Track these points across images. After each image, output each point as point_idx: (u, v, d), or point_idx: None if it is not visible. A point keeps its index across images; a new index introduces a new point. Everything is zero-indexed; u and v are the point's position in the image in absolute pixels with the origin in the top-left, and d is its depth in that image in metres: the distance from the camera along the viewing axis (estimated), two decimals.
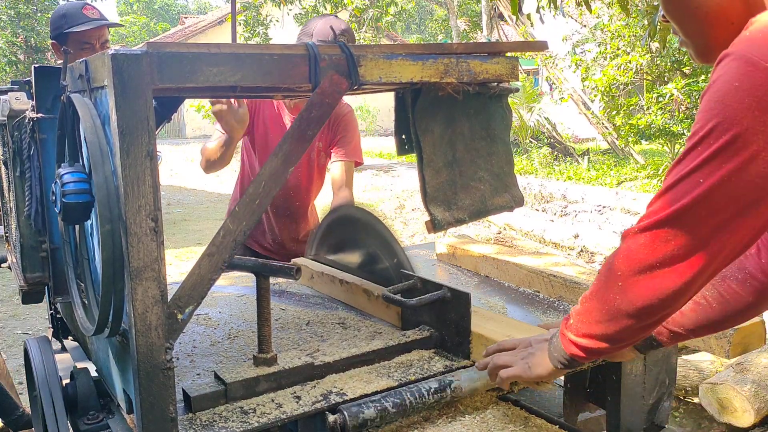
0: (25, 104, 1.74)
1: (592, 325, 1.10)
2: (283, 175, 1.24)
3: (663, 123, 10.07)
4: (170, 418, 1.15)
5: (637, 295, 1.00)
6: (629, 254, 1.01)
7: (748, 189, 0.89)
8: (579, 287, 1.82)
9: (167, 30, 34.03)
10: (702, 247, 0.94)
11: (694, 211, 0.92)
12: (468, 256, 2.29)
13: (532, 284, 2.01)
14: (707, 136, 0.90)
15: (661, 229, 0.96)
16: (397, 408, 1.31)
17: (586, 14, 13.52)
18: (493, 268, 2.17)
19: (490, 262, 2.19)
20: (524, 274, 2.03)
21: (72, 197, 1.14)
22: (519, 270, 2.06)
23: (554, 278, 1.92)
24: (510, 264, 2.10)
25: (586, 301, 1.12)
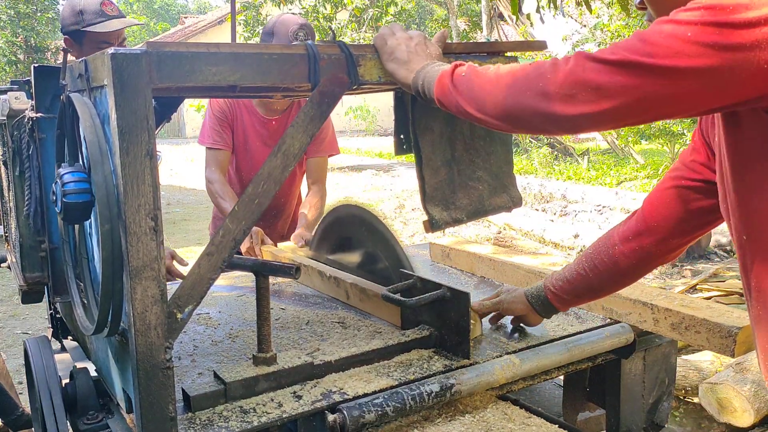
0: (25, 104, 1.74)
1: (478, 90, 1.11)
2: (282, 174, 1.24)
3: (663, 123, 10.07)
4: (170, 418, 1.15)
5: (540, 93, 0.99)
6: (564, 68, 0.98)
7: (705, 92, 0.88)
8: None
9: (167, 30, 34.01)
10: (618, 99, 0.92)
11: (641, 70, 0.90)
12: (464, 257, 2.28)
13: (530, 285, 1.98)
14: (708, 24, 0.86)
15: (607, 66, 0.92)
16: (397, 407, 1.31)
17: (586, 14, 13.52)
18: (489, 269, 2.17)
19: (486, 262, 2.18)
20: (522, 275, 2.03)
21: (72, 197, 1.14)
22: (516, 270, 2.05)
23: None
24: (507, 264, 2.09)
25: (487, 77, 1.11)
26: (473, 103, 1.13)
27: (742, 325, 1.45)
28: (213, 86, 1.15)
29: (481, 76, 1.13)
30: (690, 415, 3.24)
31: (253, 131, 2.70)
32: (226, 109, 2.67)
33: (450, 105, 1.19)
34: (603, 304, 1.74)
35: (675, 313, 1.57)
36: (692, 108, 0.94)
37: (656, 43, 0.89)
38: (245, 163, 2.76)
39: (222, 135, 2.67)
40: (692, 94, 0.90)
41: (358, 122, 22.05)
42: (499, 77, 1.09)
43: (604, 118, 0.95)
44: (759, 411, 2.88)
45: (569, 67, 0.97)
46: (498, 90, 1.08)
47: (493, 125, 1.11)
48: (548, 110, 0.99)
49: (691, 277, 5.24)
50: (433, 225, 1.50)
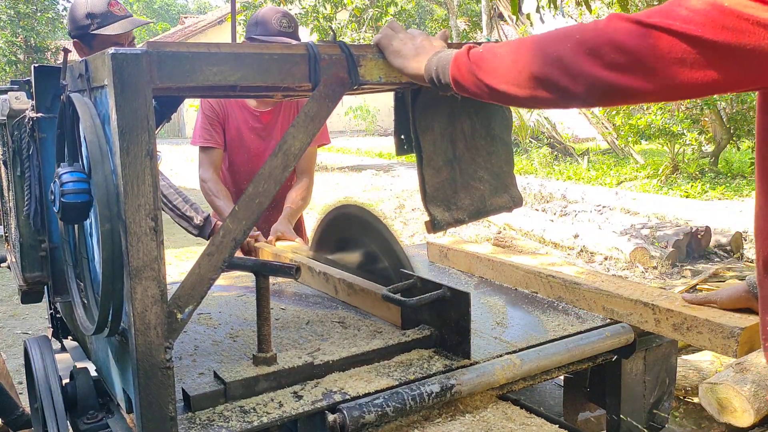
0: (25, 104, 1.74)
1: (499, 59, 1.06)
2: (283, 174, 1.24)
3: (663, 123, 10.07)
4: (169, 417, 1.15)
5: (575, 61, 0.94)
6: (594, 26, 0.94)
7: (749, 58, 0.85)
8: (579, 288, 1.82)
9: (167, 30, 34.01)
10: (661, 77, 0.89)
11: (686, 39, 0.86)
12: (461, 257, 2.27)
13: (529, 285, 1.99)
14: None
15: (654, 30, 0.89)
16: (397, 408, 1.31)
17: (586, 14, 13.52)
18: (488, 269, 2.15)
19: (484, 263, 2.16)
20: (521, 275, 2.02)
21: (71, 197, 1.14)
22: (515, 271, 2.04)
23: (553, 279, 1.91)
24: (506, 265, 2.08)
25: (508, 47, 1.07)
26: (494, 74, 1.08)
27: (744, 325, 1.45)
28: (213, 86, 1.15)
29: (501, 46, 1.09)
30: (690, 415, 3.24)
31: (246, 126, 2.73)
32: (217, 107, 2.70)
33: (468, 83, 1.14)
34: (604, 305, 1.74)
35: (677, 313, 1.57)
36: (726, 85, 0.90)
37: (695, 10, 0.86)
38: (240, 157, 2.77)
39: (213, 134, 2.70)
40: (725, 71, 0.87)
41: (358, 122, 22.04)
42: (521, 42, 1.05)
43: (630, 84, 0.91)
44: (759, 411, 2.88)
45: (600, 26, 0.93)
46: (522, 53, 1.03)
47: (514, 96, 1.06)
48: (576, 66, 0.94)
49: (691, 277, 5.24)
50: (435, 225, 1.50)
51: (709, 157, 11.13)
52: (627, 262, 5.75)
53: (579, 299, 1.81)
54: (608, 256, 5.99)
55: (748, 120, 10.15)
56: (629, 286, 1.78)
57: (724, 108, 10.68)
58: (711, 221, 7.06)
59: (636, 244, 5.81)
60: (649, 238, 6.01)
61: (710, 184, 10.02)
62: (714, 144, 11.07)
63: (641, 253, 5.69)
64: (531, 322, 1.75)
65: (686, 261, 5.82)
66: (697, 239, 6.01)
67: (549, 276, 1.91)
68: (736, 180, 10.17)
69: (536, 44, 1.02)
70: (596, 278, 1.89)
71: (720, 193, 9.43)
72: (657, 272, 5.52)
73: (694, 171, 10.44)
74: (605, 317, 1.76)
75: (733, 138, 10.79)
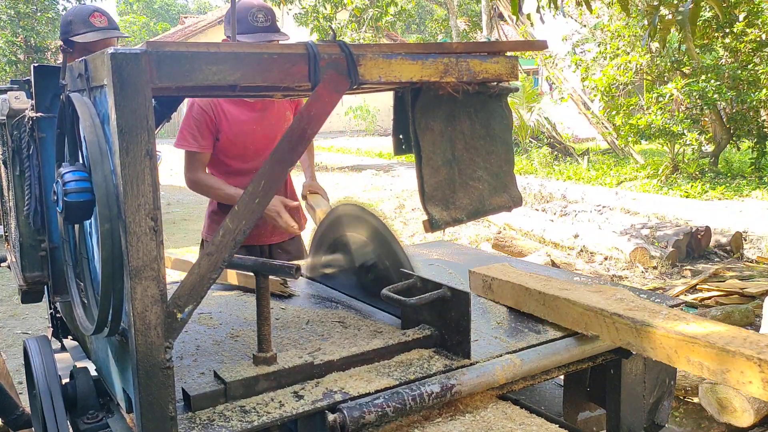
0: (25, 103, 1.74)
1: None
2: (283, 174, 1.24)
3: (663, 123, 10.07)
4: (170, 417, 1.15)
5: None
6: None
7: None
8: (654, 332, 1.41)
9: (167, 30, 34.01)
10: None
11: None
12: (508, 289, 1.87)
13: (589, 326, 1.58)
14: None
15: None
16: (397, 408, 1.30)
17: (586, 14, 13.51)
18: (539, 305, 1.74)
19: (535, 297, 1.75)
20: (578, 314, 1.61)
21: (74, 196, 1.14)
22: (572, 307, 1.63)
23: (619, 319, 1.50)
24: (560, 300, 1.66)
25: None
26: None
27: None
28: (213, 86, 1.15)
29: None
30: (690, 415, 3.23)
31: (243, 118, 2.68)
32: (208, 109, 2.63)
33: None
34: (689, 356, 1.34)
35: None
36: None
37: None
38: (238, 149, 2.72)
39: (200, 138, 2.63)
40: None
41: (358, 122, 22.04)
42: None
43: None
44: (759, 411, 2.88)
45: None
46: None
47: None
48: None
49: (691, 277, 5.24)
50: (433, 225, 1.50)
51: (709, 157, 11.13)
52: (627, 262, 5.75)
53: (655, 347, 1.40)
54: (608, 256, 5.99)
55: (748, 120, 10.16)
56: (726, 333, 1.32)
57: (724, 108, 10.68)
58: (711, 221, 7.06)
59: (636, 244, 5.81)
60: (649, 238, 6.01)
61: (710, 184, 10.02)
62: (714, 144, 11.07)
63: (641, 253, 5.69)
64: (531, 321, 1.75)
65: (686, 261, 5.82)
66: (697, 239, 6.01)
67: (614, 315, 1.51)
68: (736, 180, 10.17)
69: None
70: (678, 320, 1.43)
71: (720, 193, 9.42)
72: (657, 272, 5.52)
73: (694, 171, 10.43)
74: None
75: (733, 138, 10.79)
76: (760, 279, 4.97)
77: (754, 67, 9.83)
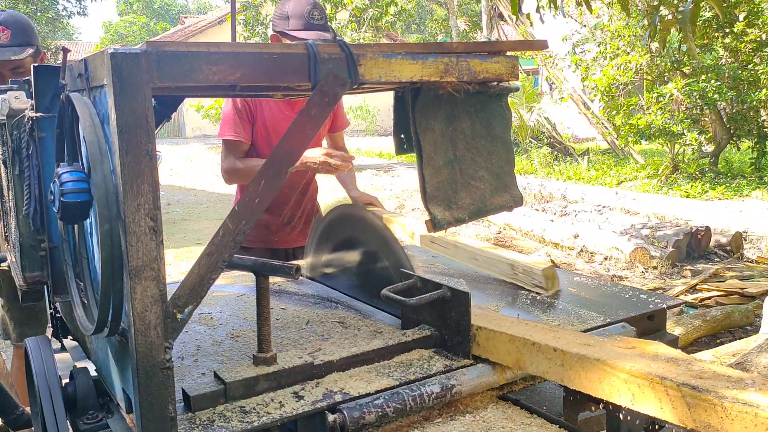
0: (25, 103, 1.74)
1: None
2: (283, 174, 1.24)
3: (663, 123, 10.07)
4: (169, 418, 1.15)
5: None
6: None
7: None
8: (750, 413, 1.02)
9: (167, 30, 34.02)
10: None
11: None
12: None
13: (638, 399, 1.21)
14: None
15: None
16: (397, 408, 1.30)
17: (586, 14, 13.52)
18: (554, 365, 1.37)
19: (547, 354, 1.37)
20: (622, 381, 1.21)
21: (70, 196, 1.14)
22: (610, 372, 1.25)
23: (693, 393, 1.10)
24: (589, 362, 1.28)
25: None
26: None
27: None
28: (213, 86, 1.15)
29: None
30: None
31: (279, 117, 2.68)
32: (249, 101, 2.64)
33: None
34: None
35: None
36: None
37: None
38: (267, 146, 2.72)
39: (241, 129, 2.65)
40: None
41: (358, 122, 22.05)
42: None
43: None
44: None
45: None
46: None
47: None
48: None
49: (691, 277, 5.24)
50: (435, 225, 1.50)
51: (709, 157, 11.13)
52: (627, 262, 5.75)
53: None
54: (608, 256, 5.99)
55: (748, 120, 10.16)
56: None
57: (724, 108, 10.68)
58: (711, 221, 7.06)
59: (636, 244, 5.81)
60: (649, 238, 6.01)
61: (710, 184, 10.03)
62: (714, 144, 11.07)
63: (641, 253, 5.69)
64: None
65: (686, 261, 5.83)
66: (697, 239, 6.01)
67: (683, 387, 1.11)
68: (736, 180, 10.17)
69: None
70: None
71: (720, 193, 9.43)
72: (657, 272, 5.52)
73: (694, 171, 10.44)
74: (606, 318, 1.75)
75: (733, 138, 10.79)
76: (760, 279, 4.97)
77: (754, 67, 9.84)
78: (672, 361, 1.22)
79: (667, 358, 1.24)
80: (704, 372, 1.15)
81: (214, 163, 16.81)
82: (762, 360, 3.05)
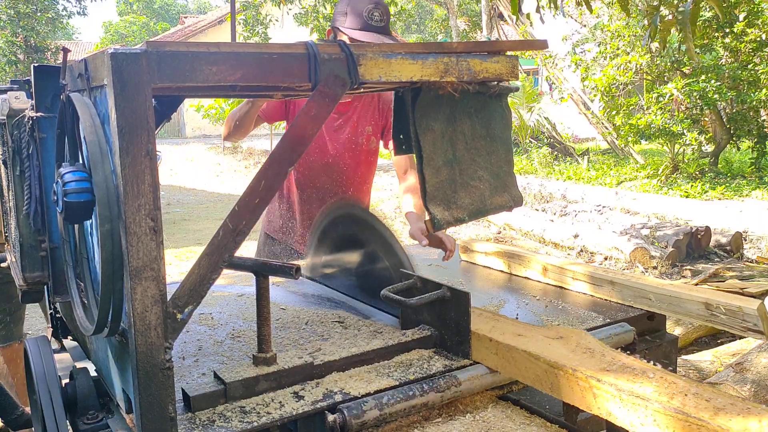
0: (25, 103, 1.74)
1: None
2: (283, 174, 1.24)
3: (663, 123, 10.07)
4: (169, 418, 1.15)
5: None
6: None
7: None
8: (645, 406, 1.12)
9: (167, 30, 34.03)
10: None
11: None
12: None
13: (556, 388, 1.31)
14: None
15: None
16: (397, 407, 1.30)
17: (586, 14, 13.52)
18: (490, 353, 1.48)
19: (484, 343, 1.48)
20: (543, 371, 1.34)
21: (74, 196, 1.14)
22: (534, 363, 1.35)
23: (598, 385, 1.21)
24: (517, 352, 1.39)
25: None
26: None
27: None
28: (213, 86, 1.15)
29: None
30: None
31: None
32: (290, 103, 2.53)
33: None
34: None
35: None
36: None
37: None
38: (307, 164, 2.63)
39: (273, 105, 2.50)
40: None
41: None
42: None
43: None
44: None
45: None
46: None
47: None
48: None
49: (691, 277, 5.24)
50: (435, 225, 1.50)
51: (709, 157, 11.14)
52: (627, 262, 5.75)
53: (645, 424, 1.12)
54: (608, 256, 5.99)
55: (748, 120, 10.16)
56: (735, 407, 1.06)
57: (724, 108, 10.68)
58: (711, 221, 7.06)
59: (636, 244, 5.81)
60: (649, 238, 6.01)
61: (710, 184, 10.03)
62: (714, 144, 11.07)
63: (641, 253, 5.69)
64: (531, 321, 1.75)
65: (686, 261, 5.83)
66: (697, 239, 6.01)
67: (591, 379, 1.22)
68: (736, 180, 10.17)
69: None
70: (674, 387, 1.15)
71: (720, 193, 9.43)
72: (657, 272, 5.52)
73: (694, 171, 10.44)
74: (606, 318, 1.75)
75: (733, 138, 10.79)
76: (760, 279, 4.97)
77: (754, 67, 9.84)
78: (589, 352, 1.34)
79: (585, 348, 1.36)
80: (613, 363, 1.27)
81: (214, 163, 16.82)
82: (762, 360, 3.06)
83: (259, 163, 15.45)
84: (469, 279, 2.25)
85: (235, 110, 2.49)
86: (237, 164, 16.30)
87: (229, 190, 12.10)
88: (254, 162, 16.18)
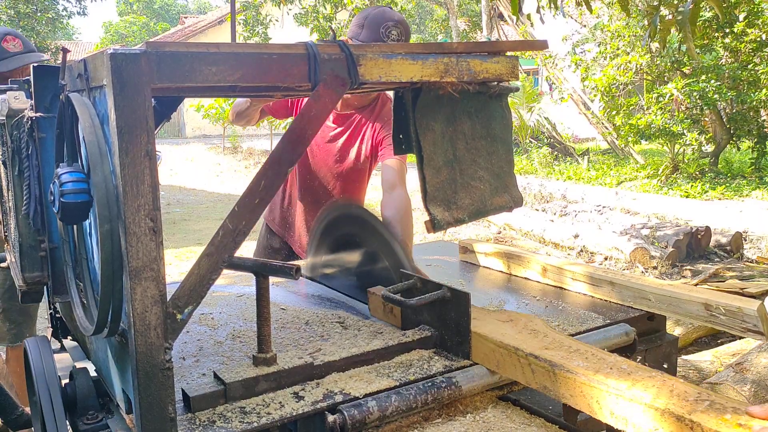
0: (24, 103, 1.74)
1: None
2: (282, 175, 1.24)
3: (663, 123, 10.07)
4: (169, 418, 1.15)
5: None
6: None
7: None
8: (572, 378, 1.25)
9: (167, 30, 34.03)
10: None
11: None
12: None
13: (501, 366, 1.42)
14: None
15: None
16: (397, 408, 1.30)
17: (586, 14, 13.52)
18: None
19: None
20: (490, 350, 1.45)
21: (70, 197, 1.14)
22: (483, 343, 1.47)
23: (535, 361, 1.32)
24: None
25: None
26: None
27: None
28: (213, 86, 1.15)
29: None
30: None
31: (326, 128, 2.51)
32: (295, 100, 2.49)
33: None
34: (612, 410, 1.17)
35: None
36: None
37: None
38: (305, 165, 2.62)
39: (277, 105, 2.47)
40: None
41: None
42: None
43: None
44: None
45: None
46: None
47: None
48: None
49: (691, 277, 5.24)
50: (435, 225, 1.50)
51: (709, 157, 11.13)
52: (627, 262, 5.75)
53: (575, 395, 1.24)
54: (608, 256, 5.99)
55: (748, 120, 10.16)
56: (653, 382, 1.15)
57: (724, 108, 10.68)
58: (711, 221, 7.06)
59: (636, 244, 5.80)
60: (649, 238, 6.01)
61: (710, 184, 10.02)
62: (714, 144, 11.07)
63: (641, 253, 5.69)
64: None
65: (686, 261, 5.82)
66: (697, 239, 6.01)
67: (530, 357, 1.34)
68: (736, 180, 10.17)
69: None
70: (601, 364, 1.26)
71: (720, 193, 9.43)
72: (657, 272, 5.52)
73: (694, 171, 10.44)
74: (605, 318, 1.75)
75: (733, 138, 10.79)
76: (760, 279, 4.97)
77: (754, 67, 9.84)
78: (532, 333, 1.46)
79: (529, 329, 1.48)
80: (552, 344, 1.39)
81: (214, 163, 16.81)
82: (762, 360, 3.05)
83: (259, 163, 15.45)
84: (469, 279, 2.25)
85: (240, 100, 2.44)
86: (237, 164, 16.30)
87: (229, 190, 12.10)
88: (254, 162, 16.17)
